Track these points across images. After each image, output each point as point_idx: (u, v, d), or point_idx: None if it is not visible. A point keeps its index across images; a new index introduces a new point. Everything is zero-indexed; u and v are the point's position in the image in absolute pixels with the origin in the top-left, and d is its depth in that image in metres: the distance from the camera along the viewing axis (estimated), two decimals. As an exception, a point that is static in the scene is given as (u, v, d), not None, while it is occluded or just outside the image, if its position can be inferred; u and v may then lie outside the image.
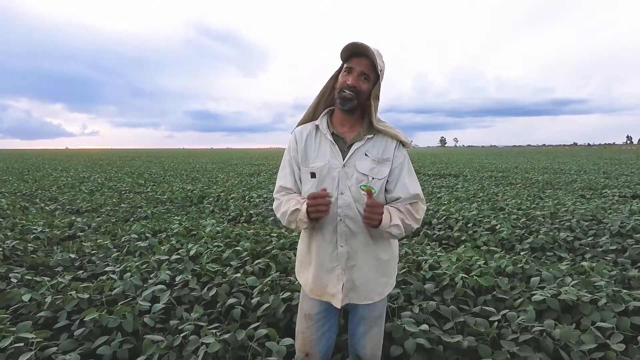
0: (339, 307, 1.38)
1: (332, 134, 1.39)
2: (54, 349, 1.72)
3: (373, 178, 1.34)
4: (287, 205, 1.35)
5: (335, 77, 1.40)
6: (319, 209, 1.21)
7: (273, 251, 3.04)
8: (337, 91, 1.34)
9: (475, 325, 1.95)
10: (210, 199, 7.12)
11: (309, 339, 1.48)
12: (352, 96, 1.29)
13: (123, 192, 8.37)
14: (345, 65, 1.32)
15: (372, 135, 1.37)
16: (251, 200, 6.73)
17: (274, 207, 1.44)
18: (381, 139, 1.39)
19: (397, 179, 1.37)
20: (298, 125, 1.50)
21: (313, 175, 1.37)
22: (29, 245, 3.47)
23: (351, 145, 1.36)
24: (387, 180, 1.38)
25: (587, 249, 3.62)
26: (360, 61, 1.28)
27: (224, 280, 2.47)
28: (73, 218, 4.91)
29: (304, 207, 1.26)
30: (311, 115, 1.49)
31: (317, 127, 1.42)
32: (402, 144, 1.41)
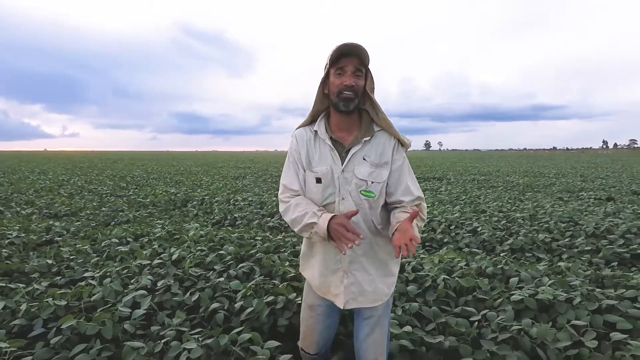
0: (341, 307, 1.41)
1: (331, 138, 1.38)
2: (29, 358, 1.67)
3: (372, 182, 1.34)
4: (298, 212, 1.33)
5: (323, 84, 1.38)
6: (342, 240, 1.18)
7: (257, 255, 3.02)
8: (334, 95, 1.31)
9: (457, 325, 1.99)
10: (194, 203, 7.03)
11: (311, 327, 1.56)
12: (352, 95, 1.29)
13: (104, 195, 8.19)
14: (335, 68, 1.30)
15: (369, 137, 1.37)
16: (236, 203, 6.68)
17: (280, 210, 1.44)
18: (379, 140, 1.38)
19: (399, 182, 1.38)
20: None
21: (319, 180, 1.37)
22: (4, 250, 3.35)
23: (349, 149, 1.36)
24: (387, 183, 1.39)
25: (564, 249, 3.73)
26: (350, 60, 1.28)
27: (207, 284, 2.44)
28: (51, 222, 4.77)
29: (324, 223, 1.23)
30: (309, 122, 1.48)
31: (315, 132, 1.42)
32: (401, 144, 1.41)
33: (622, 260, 3.38)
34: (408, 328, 1.91)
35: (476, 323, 2.02)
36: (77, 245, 3.58)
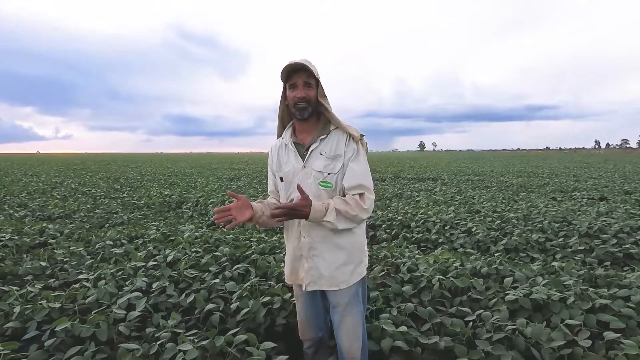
0: (304, 289, 1.60)
1: (294, 142, 1.61)
2: (23, 361, 1.66)
3: (329, 174, 1.53)
4: None
5: (284, 98, 1.60)
6: (227, 220, 1.42)
7: (252, 256, 3.02)
8: (291, 107, 1.53)
9: (452, 325, 2.00)
10: (189, 204, 7.00)
11: (300, 317, 1.75)
12: (305, 105, 1.50)
13: (98, 197, 8.12)
14: (288, 84, 1.52)
15: (325, 136, 1.56)
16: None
17: None
18: (334, 137, 1.57)
19: (346, 173, 1.54)
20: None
21: (282, 179, 1.63)
22: (-4, 253, 3.32)
23: (308, 147, 1.56)
24: (343, 175, 1.55)
25: (558, 249, 3.76)
26: (298, 75, 1.49)
27: (202, 286, 2.44)
28: (44, 225, 4.72)
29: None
30: (280, 133, 1.73)
31: (283, 140, 1.66)
32: (352, 137, 1.56)
33: (615, 259, 3.42)
34: (403, 328, 1.92)
35: (471, 323, 2.03)
36: (71, 248, 3.55)
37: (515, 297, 2.17)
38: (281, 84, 1.57)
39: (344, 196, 1.53)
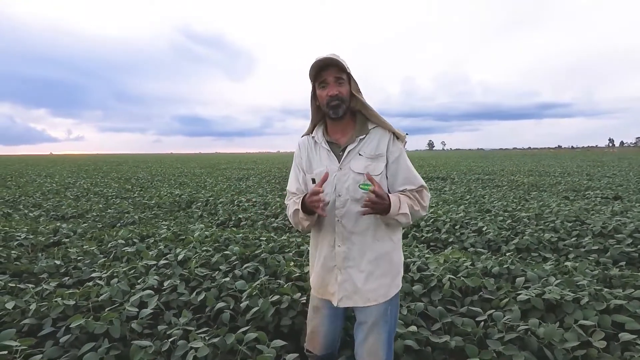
0: (335, 305, 1.43)
1: (327, 142, 1.48)
2: (39, 356, 1.69)
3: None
4: (290, 210, 1.47)
5: (313, 97, 1.48)
6: (313, 205, 1.27)
7: (262, 255, 3.03)
8: (324, 106, 1.41)
9: (463, 325, 1.99)
10: (199, 204, 7.07)
11: (317, 329, 1.56)
12: (339, 102, 1.38)
13: (109, 197, 8.25)
14: (318, 82, 1.40)
15: (364, 136, 1.44)
16: (240, 204, 6.70)
17: (286, 213, 1.55)
18: (374, 136, 1.45)
19: (398, 172, 1.43)
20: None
21: (314, 181, 1.47)
22: (13, 252, 3.39)
23: (345, 148, 1.43)
24: (387, 176, 1.44)
25: (571, 249, 3.70)
26: (328, 72, 1.37)
27: (212, 284, 2.46)
28: (58, 224, 4.81)
29: (300, 203, 1.38)
30: (311, 130, 1.58)
31: (314, 138, 1.52)
32: (397, 136, 1.46)
33: (631, 259, 3.35)
34: (413, 328, 1.91)
35: (482, 323, 2.01)
36: (84, 247, 3.61)
37: (528, 297, 2.14)
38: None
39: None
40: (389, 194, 1.34)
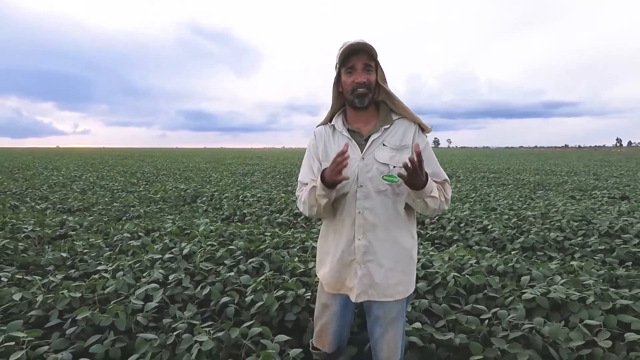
0: (353, 300, 1.39)
1: (348, 130, 1.41)
2: (46, 347, 1.71)
3: (394, 167, 1.33)
4: (304, 195, 1.38)
5: (337, 83, 1.41)
6: (338, 167, 1.17)
7: (267, 250, 3.04)
8: (349, 93, 1.35)
9: (467, 323, 1.98)
10: (204, 198, 7.10)
11: (325, 327, 1.52)
12: (366, 91, 1.32)
13: (115, 191, 8.30)
14: (345, 67, 1.33)
15: (388, 125, 1.39)
16: (245, 199, 6.72)
17: (297, 205, 1.48)
18: (399, 127, 1.40)
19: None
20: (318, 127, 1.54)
21: None
22: (20, 244, 3.43)
23: (368, 137, 1.37)
24: None
25: (577, 248, 3.68)
26: (358, 58, 1.31)
27: (217, 279, 2.47)
28: (64, 217, 4.86)
29: (319, 179, 1.27)
30: (329, 119, 1.52)
31: (333, 126, 1.46)
32: (422, 128, 1.42)
33: (637, 260, 3.32)
34: (418, 325, 1.91)
35: (487, 321, 2.01)
36: (90, 240, 3.64)
37: (533, 295, 2.13)
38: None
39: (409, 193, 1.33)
40: None
